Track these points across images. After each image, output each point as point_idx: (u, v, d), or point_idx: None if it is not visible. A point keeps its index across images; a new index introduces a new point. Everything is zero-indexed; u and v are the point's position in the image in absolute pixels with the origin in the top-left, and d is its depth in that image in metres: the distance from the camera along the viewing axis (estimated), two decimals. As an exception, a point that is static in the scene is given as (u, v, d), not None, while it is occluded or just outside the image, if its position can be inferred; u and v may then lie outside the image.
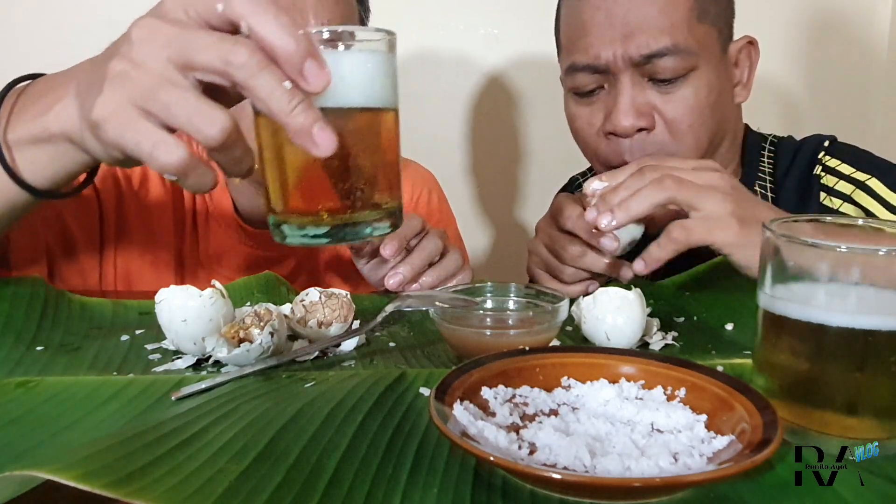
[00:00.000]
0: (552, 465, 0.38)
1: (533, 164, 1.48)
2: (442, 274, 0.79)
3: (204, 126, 0.42)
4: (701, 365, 0.47)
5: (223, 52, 0.41)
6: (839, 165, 0.89)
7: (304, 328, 0.61)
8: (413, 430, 0.44)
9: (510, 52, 1.42)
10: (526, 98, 1.44)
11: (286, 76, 0.41)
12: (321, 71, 0.41)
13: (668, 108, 0.82)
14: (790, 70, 1.49)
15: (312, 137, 0.41)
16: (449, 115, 1.44)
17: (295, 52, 0.41)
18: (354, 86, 0.45)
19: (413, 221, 0.79)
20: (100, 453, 0.38)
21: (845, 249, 0.41)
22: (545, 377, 0.49)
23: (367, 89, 0.45)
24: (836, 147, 0.91)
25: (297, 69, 0.41)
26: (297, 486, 0.37)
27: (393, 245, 0.75)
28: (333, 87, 0.42)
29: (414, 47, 1.39)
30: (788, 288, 0.44)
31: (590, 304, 0.60)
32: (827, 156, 0.90)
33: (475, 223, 1.50)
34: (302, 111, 0.41)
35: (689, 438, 0.41)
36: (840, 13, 1.49)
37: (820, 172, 0.90)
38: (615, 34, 0.81)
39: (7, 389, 0.51)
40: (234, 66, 0.41)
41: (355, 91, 0.45)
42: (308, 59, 0.41)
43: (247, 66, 0.41)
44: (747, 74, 0.90)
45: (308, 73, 0.41)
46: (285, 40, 0.41)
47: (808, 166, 0.91)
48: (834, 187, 0.88)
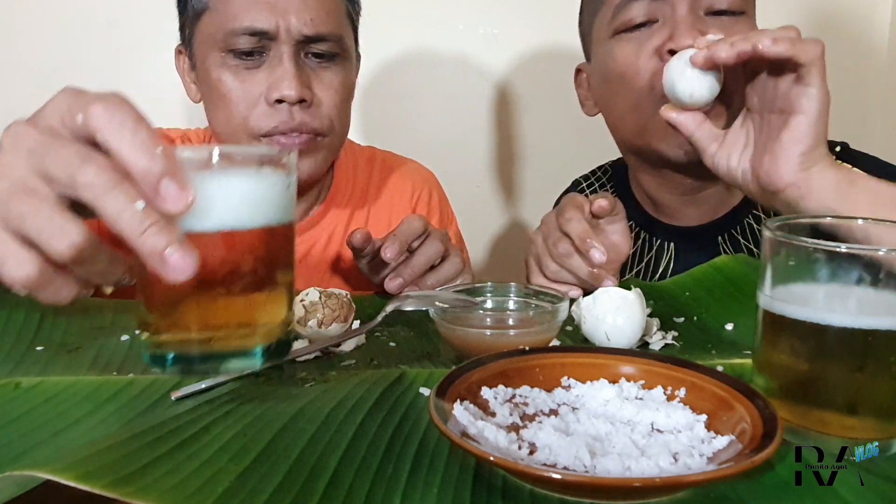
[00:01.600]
0: (552, 465, 0.38)
1: (533, 164, 1.48)
2: (442, 278, 0.80)
3: (53, 240, 0.40)
4: (701, 365, 0.47)
5: (72, 168, 0.39)
6: None
7: (304, 328, 0.61)
8: (413, 430, 0.44)
9: (510, 51, 1.42)
10: (526, 98, 1.44)
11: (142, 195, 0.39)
12: (180, 192, 0.39)
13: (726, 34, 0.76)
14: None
15: (164, 261, 0.38)
16: (448, 115, 1.44)
17: (149, 170, 0.39)
18: (229, 207, 0.42)
19: (415, 223, 0.79)
20: (100, 453, 0.38)
21: (845, 249, 0.41)
22: (545, 377, 0.49)
23: (242, 209, 0.42)
24: (846, 153, 0.90)
25: (152, 188, 0.39)
26: (297, 486, 0.37)
27: (394, 248, 0.75)
28: (203, 207, 0.40)
29: (414, 47, 1.39)
30: (788, 288, 0.44)
31: (590, 304, 0.60)
32: (837, 161, 0.88)
33: (474, 223, 1.50)
34: (154, 233, 0.39)
35: (689, 438, 0.41)
36: (840, 13, 1.49)
37: None
38: None
39: (7, 389, 0.52)
40: (80, 184, 0.39)
41: (229, 212, 0.42)
42: (165, 178, 0.39)
43: (93, 186, 0.39)
44: None
45: (165, 194, 0.39)
46: (139, 158, 0.39)
47: None
48: None
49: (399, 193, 1.07)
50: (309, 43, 0.85)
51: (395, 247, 0.75)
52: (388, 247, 0.75)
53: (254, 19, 0.82)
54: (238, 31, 0.83)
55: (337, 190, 1.02)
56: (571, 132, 1.40)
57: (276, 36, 0.83)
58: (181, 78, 0.94)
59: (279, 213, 0.45)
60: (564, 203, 0.78)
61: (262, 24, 0.82)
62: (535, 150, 1.48)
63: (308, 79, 0.86)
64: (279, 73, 0.83)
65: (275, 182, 0.45)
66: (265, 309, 0.45)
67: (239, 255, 0.42)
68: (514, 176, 1.49)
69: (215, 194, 0.41)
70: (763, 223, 0.46)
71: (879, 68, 1.52)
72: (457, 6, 1.40)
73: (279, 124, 0.84)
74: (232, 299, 0.42)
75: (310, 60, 0.86)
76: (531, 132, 1.47)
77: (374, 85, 1.39)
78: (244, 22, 0.82)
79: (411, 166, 1.12)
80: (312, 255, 0.99)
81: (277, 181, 0.45)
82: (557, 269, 0.76)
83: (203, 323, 0.43)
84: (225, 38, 0.83)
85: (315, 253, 0.99)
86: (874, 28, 1.51)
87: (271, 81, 0.84)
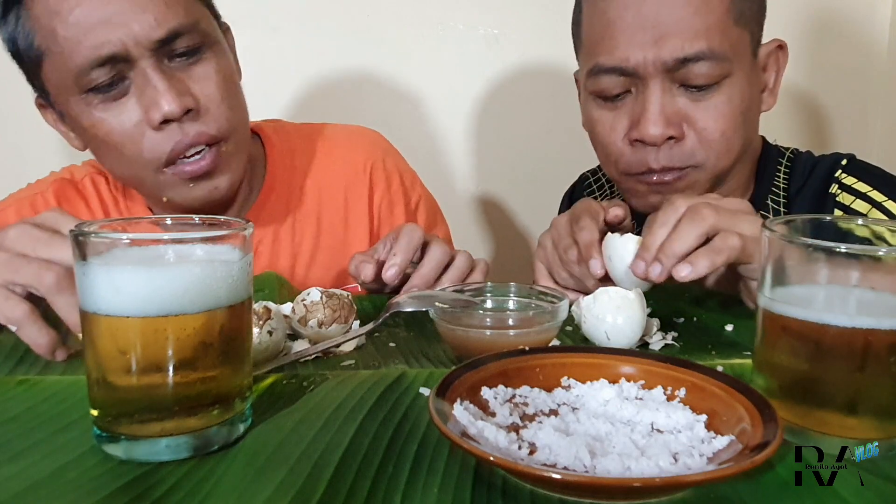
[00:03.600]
0: (552, 465, 0.38)
1: (533, 164, 1.48)
2: (457, 276, 0.76)
3: None
4: (701, 365, 0.47)
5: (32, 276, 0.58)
6: (855, 183, 0.87)
7: (304, 328, 0.61)
8: (413, 430, 0.44)
9: (510, 52, 1.42)
10: (526, 98, 1.44)
11: None
12: None
13: (700, 116, 0.78)
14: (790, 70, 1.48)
15: None
16: (448, 115, 1.44)
17: None
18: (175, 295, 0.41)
19: (415, 237, 0.75)
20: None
21: (845, 250, 0.41)
22: (545, 377, 0.49)
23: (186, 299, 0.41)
24: (853, 165, 0.89)
25: None
26: (298, 485, 0.37)
27: (393, 272, 0.72)
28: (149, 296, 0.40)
29: (414, 47, 1.39)
30: (788, 288, 0.44)
31: (590, 304, 0.60)
32: (844, 173, 0.88)
33: (474, 223, 1.50)
34: None
35: (689, 438, 0.41)
36: (840, 13, 1.49)
37: (836, 190, 0.87)
38: (646, 36, 0.76)
39: (8, 388, 0.52)
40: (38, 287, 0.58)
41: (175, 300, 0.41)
42: None
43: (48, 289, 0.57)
44: (774, 80, 0.86)
45: None
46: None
47: (824, 184, 0.88)
48: (850, 206, 0.86)
49: (350, 166, 1.00)
50: (165, 45, 0.76)
51: (395, 269, 0.72)
52: (389, 269, 0.72)
53: (95, 47, 0.73)
54: (85, 67, 0.74)
55: (274, 179, 0.95)
56: (571, 132, 1.39)
57: (127, 55, 0.74)
58: (56, 130, 0.86)
59: (230, 296, 0.43)
60: (580, 210, 0.76)
61: (106, 49, 0.73)
62: (535, 150, 1.48)
63: (183, 84, 0.78)
64: (150, 92, 0.76)
65: (228, 271, 0.42)
66: (219, 387, 0.43)
67: (185, 338, 0.41)
68: (513, 176, 1.49)
69: (162, 285, 0.41)
70: (763, 223, 0.45)
71: (879, 68, 1.51)
72: (457, 6, 1.40)
73: (175, 145, 0.77)
74: (184, 381, 0.41)
75: (175, 63, 0.78)
76: (531, 132, 1.46)
77: (374, 85, 1.39)
78: (86, 53, 0.73)
79: (355, 134, 1.04)
80: (260, 252, 0.94)
81: (231, 269, 0.43)
82: (567, 277, 0.75)
83: (152, 405, 0.41)
84: (76, 79, 0.75)
85: (263, 251, 0.94)
86: (874, 28, 1.50)
87: (146, 104, 0.76)
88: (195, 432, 0.41)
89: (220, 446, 0.42)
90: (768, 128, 0.98)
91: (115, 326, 0.40)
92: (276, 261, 0.95)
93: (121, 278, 0.40)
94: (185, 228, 0.48)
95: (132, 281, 0.40)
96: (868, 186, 0.86)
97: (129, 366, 0.40)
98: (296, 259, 0.96)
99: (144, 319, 0.40)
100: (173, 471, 0.40)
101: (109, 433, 0.41)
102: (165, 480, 0.39)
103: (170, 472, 0.39)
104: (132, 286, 0.40)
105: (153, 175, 0.80)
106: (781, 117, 1.50)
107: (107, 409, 0.42)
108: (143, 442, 0.41)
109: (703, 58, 0.76)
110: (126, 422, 0.41)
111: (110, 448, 0.41)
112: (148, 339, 0.40)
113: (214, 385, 0.42)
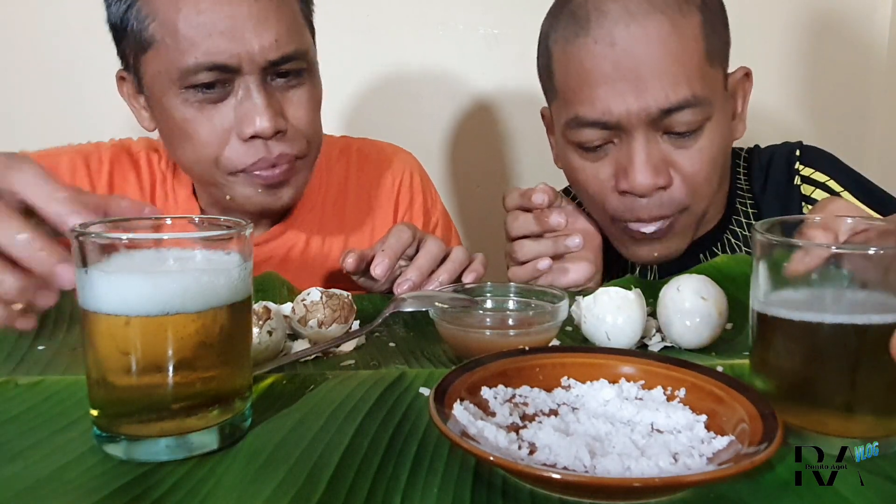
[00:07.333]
0: (552, 465, 0.38)
1: (533, 163, 1.48)
2: (455, 267, 0.75)
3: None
4: (701, 365, 0.47)
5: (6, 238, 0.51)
6: (813, 174, 0.88)
7: (304, 328, 0.61)
8: (413, 430, 0.44)
9: (510, 52, 1.42)
10: (526, 98, 1.44)
11: None
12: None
13: (685, 162, 0.78)
14: (790, 70, 1.49)
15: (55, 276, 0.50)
16: (448, 115, 1.44)
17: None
18: (173, 295, 0.41)
19: (403, 235, 0.75)
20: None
21: (836, 249, 0.42)
22: (545, 377, 0.49)
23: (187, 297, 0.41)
24: (807, 154, 0.90)
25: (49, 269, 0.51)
26: (298, 485, 0.37)
27: (384, 265, 0.72)
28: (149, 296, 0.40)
29: (414, 47, 1.39)
30: (781, 289, 0.44)
31: (590, 304, 0.60)
32: (801, 164, 0.89)
33: (474, 223, 1.50)
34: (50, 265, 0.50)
35: (689, 438, 0.41)
36: (840, 13, 1.49)
37: (798, 182, 0.88)
38: (627, 87, 0.74)
39: (8, 387, 0.52)
40: None
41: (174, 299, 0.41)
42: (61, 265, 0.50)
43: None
44: (741, 106, 0.85)
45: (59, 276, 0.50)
46: None
47: (787, 176, 0.89)
48: (811, 196, 0.87)
49: (379, 184, 1.03)
50: (275, 65, 0.78)
51: (384, 263, 0.72)
52: (378, 264, 0.72)
53: (211, 53, 0.75)
54: (194, 69, 0.75)
55: (310, 190, 0.96)
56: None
57: (239, 67, 0.76)
58: (128, 104, 0.87)
59: (230, 296, 0.43)
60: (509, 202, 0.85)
61: (222, 57, 0.75)
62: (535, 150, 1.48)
63: (279, 105, 0.80)
64: (248, 106, 0.77)
65: (228, 271, 0.42)
66: (219, 387, 0.43)
67: (185, 338, 0.41)
68: (513, 177, 1.49)
69: (162, 285, 0.40)
70: (752, 227, 0.46)
71: (879, 68, 1.51)
72: (457, 6, 1.40)
73: (258, 161, 0.79)
74: (184, 381, 0.41)
75: (277, 82, 0.80)
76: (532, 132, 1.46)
77: (374, 85, 1.39)
78: (200, 58, 0.75)
79: (389, 152, 1.07)
80: (291, 258, 0.96)
81: (231, 270, 0.42)
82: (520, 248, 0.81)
83: (152, 405, 0.41)
84: (181, 75, 0.76)
85: (293, 257, 0.96)
86: (874, 28, 1.50)
87: (241, 115, 0.78)
88: (195, 432, 0.41)
89: (220, 446, 0.42)
90: (768, 127, 0.98)
91: (115, 326, 0.40)
92: (305, 268, 0.97)
93: (121, 278, 0.40)
94: (186, 228, 0.48)
95: (132, 281, 0.40)
96: (825, 176, 0.87)
97: (129, 366, 0.41)
98: (324, 268, 0.98)
99: (144, 319, 0.40)
100: (173, 471, 0.40)
101: (109, 433, 0.42)
102: (165, 480, 0.39)
103: (170, 472, 0.39)
104: (132, 286, 0.40)
105: (224, 176, 0.82)
106: (780, 118, 1.50)
107: (107, 409, 0.42)
108: (142, 442, 0.41)
109: (686, 105, 0.74)
110: (126, 422, 0.41)
111: (110, 448, 0.41)
112: (148, 338, 0.40)
113: (214, 385, 0.42)
